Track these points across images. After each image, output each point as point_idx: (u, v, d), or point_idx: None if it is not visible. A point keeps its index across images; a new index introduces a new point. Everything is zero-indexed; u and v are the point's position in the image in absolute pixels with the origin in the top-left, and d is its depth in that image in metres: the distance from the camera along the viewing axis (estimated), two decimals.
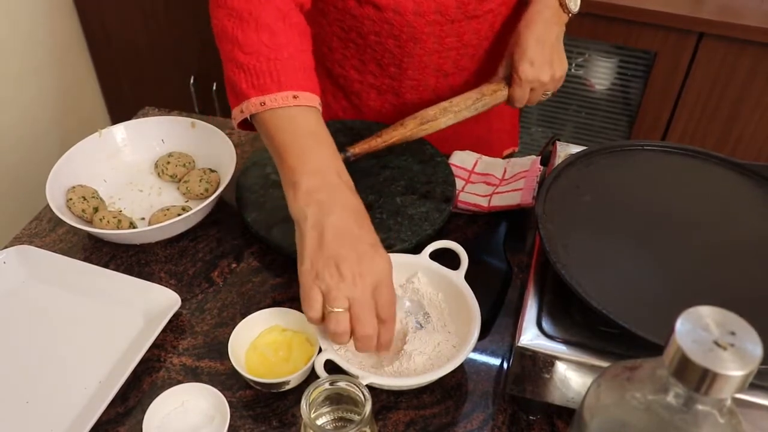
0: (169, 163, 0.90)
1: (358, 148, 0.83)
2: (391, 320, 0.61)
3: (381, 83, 0.93)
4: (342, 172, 0.64)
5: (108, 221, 0.80)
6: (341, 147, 0.78)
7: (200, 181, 0.87)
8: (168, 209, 0.83)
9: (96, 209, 0.82)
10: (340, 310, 0.58)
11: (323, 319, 0.60)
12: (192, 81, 1.80)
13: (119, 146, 0.92)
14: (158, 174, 0.91)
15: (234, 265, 0.80)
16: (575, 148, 0.79)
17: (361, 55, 0.90)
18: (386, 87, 0.94)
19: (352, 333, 0.59)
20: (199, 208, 0.80)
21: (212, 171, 0.89)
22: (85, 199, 0.83)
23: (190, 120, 0.93)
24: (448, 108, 0.86)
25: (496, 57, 0.93)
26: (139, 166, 0.92)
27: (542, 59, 0.84)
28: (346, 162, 0.70)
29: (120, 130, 0.92)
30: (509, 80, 0.87)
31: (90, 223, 0.81)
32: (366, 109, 0.97)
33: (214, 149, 0.90)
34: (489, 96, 0.87)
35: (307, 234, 0.60)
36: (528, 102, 0.89)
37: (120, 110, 1.96)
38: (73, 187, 0.84)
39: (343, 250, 0.59)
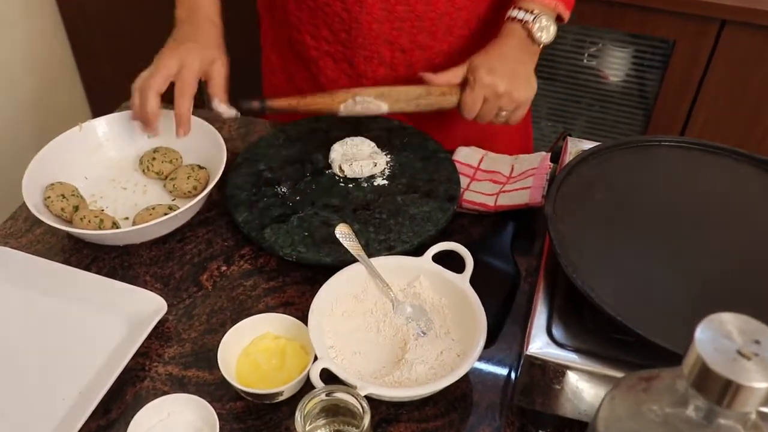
0: (154, 159, 0.90)
1: (277, 103, 0.87)
2: (181, 94, 0.86)
3: (335, 51, 0.95)
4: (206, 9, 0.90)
5: (89, 221, 0.80)
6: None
7: (188, 178, 0.87)
8: (153, 208, 0.83)
9: (76, 208, 0.82)
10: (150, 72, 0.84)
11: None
12: None
13: (101, 141, 0.92)
14: (143, 171, 0.91)
15: (224, 268, 0.80)
16: (587, 144, 0.79)
17: (314, 18, 0.93)
18: (340, 55, 0.95)
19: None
20: (186, 207, 0.80)
21: (201, 168, 0.89)
22: (64, 197, 0.83)
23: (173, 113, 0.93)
24: (385, 93, 0.86)
25: (463, 43, 0.93)
26: (122, 163, 0.92)
27: (503, 70, 0.84)
28: (261, 110, 0.87)
29: (101, 124, 0.92)
30: (463, 87, 0.86)
31: (70, 222, 0.81)
32: (323, 79, 0.99)
33: (202, 144, 0.90)
34: (436, 96, 0.87)
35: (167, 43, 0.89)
36: (479, 116, 0.86)
37: (102, 102, 1.96)
38: (52, 185, 0.84)
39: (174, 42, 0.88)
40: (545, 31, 0.85)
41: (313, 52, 0.97)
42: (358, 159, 0.87)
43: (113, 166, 0.92)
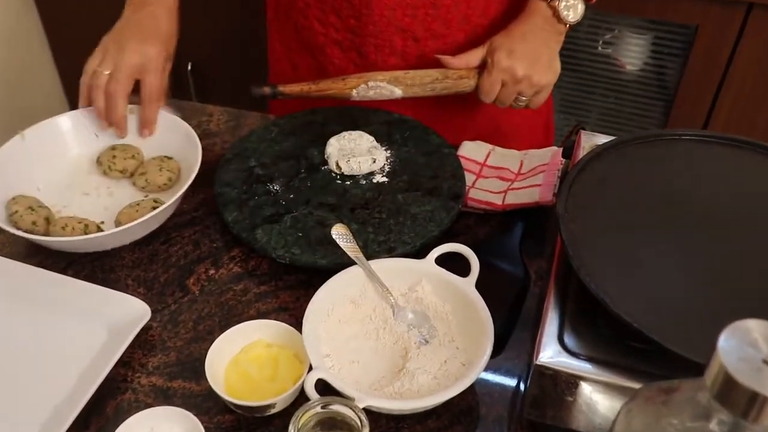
0: (115, 157, 0.90)
1: (289, 89, 0.89)
2: (152, 96, 0.89)
3: (343, 38, 0.95)
4: None
5: (73, 228, 0.79)
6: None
7: (160, 170, 0.87)
8: (138, 204, 0.83)
9: (47, 219, 0.81)
10: (104, 71, 0.86)
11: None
12: None
13: (49, 147, 0.90)
14: (103, 171, 0.90)
15: (212, 271, 0.80)
16: (602, 138, 0.79)
17: (322, 3, 0.93)
18: (348, 43, 0.95)
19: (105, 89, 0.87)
20: (178, 196, 0.80)
21: (169, 158, 0.89)
22: (32, 209, 0.81)
23: (128, 106, 0.92)
24: (399, 78, 0.88)
25: (480, 33, 0.93)
26: (76, 166, 0.91)
27: (523, 53, 0.85)
28: (272, 96, 0.89)
29: (44, 129, 0.90)
30: (482, 70, 0.88)
31: (47, 234, 0.80)
32: (331, 68, 0.99)
33: (161, 135, 0.91)
34: (453, 80, 0.88)
35: (115, 25, 0.90)
36: (498, 100, 0.89)
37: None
38: (14, 198, 0.82)
39: (120, 37, 0.89)
40: (572, 9, 0.86)
41: (321, 38, 0.97)
42: (356, 155, 0.87)
43: (67, 172, 0.90)
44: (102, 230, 0.82)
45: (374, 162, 0.87)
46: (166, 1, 0.91)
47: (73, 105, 0.93)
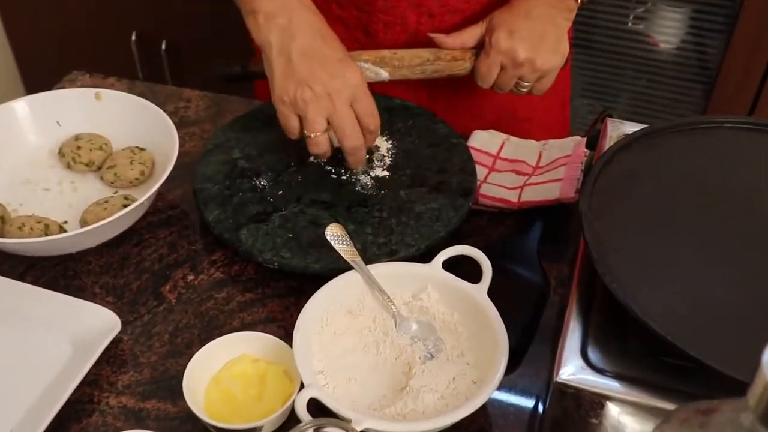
0: (79, 148, 0.90)
1: (260, 66, 0.86)
2: (376, 128, 0.80)
3: (348, 16, 0.95)
4: None
5: (32, 228, 0.80)
6: None
7: (131, 163, 0.88)
8: (106, 201, 0.83)
9: (1, 218, 0.81)
10: (318, 133, 0.77)
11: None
12: (134, 38, 1.80)
13: (2, 135, 0.90)
14: (67, 164, 0.90)
15: (191, 277, 0.81)
16: (632, 126, 0.80)
17: None
18: (355, 21, 0.95)
19: (342, 146, 0.79)
20: (152, 192, 0.80)
21: (141, 149, 0.90)
22: None
23: (94, 90, 0.93)
24: (386, 59, 0.87)
25: (504, 4, 0.93)
26: (35, 158, 0.92)
27: (526, 32, 0.84)
28: (244, 77, 0.89)
29: None
30: (479, 49, 0.87)
31: (1, 236, 0.80)
32: None
33: (133, 123, 0.91)
34: (445, 61, 0.88)
35: (275, 62, 0.77)
36: (496, 85, 0.88)
37: (38, 78, 1.96)
38: None
39: (312, 70, 0.76)
40: None
41: (322, 14, 0.96)
42: None
43: (23, 165, 0.91)
44: (65, 231, 0.82)
45: (372, 154, 0.87)
46: None
47: (30, 89, 0.93)
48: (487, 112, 1.02)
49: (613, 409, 0.58)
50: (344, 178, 0.87)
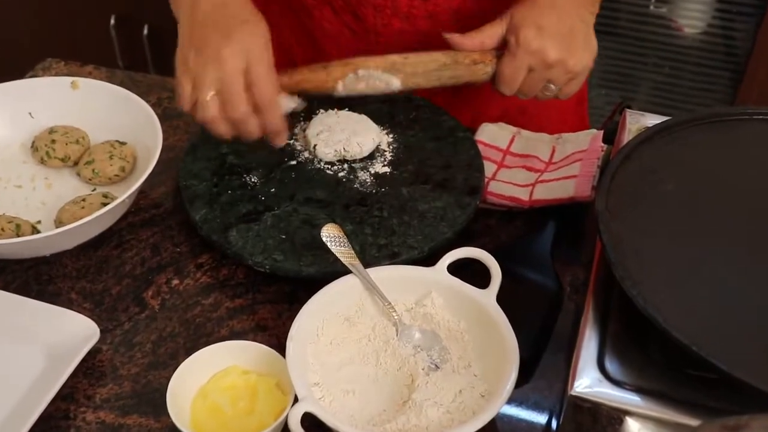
0: (54, 141, 0.90)
1: None
2: (268, 103, 0.77)
3: None
4: None
5: (2, 229, 0.80)
6: None
7: (110, 158, 0.88)
8: (83, 199, 0.83)
9: None
10: (205, 98, 0.75)
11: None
12: (113, 22, 1.80)
13: None
14: (40, 159, 0.91)
15: (175, 282, 0.81)
16: (653, 119, 0.80)
17: None
18: (341, 3, 0.95)
19: (225, 119, 0.77)
20: (133, 190, 0.80)
21: (122, 143, 0.90)
22: None
23: (70, 79, 0.93)
24: (397, 65, 0.84)
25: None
26: (5, 153, 0.92)
27: (555, 29, 0.81)
28: None
29: None
30: (502, 51, 0.83)
31: None
32: (318, 33, 0.99)
33: (113, 115, 0.91)
34: (464, 66, 0.84)
35: (180, 30, 0.79)
36: (521, 90, 0.84)
37: (9, 65, 1.95)
38: None
39: (206, 34, 0.76)
40: None
41: None
42: (341, 138, 0.87)
43: None
44: (38, 231, 0.82)
45: (371, 144, 0.87)
46: None
47: (5, 79, 0.94)
48: (493, 107, 1.01)
49: (632, 425, 0.58)
50: (342, 174, 0.87)
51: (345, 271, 0.73)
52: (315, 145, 0.87)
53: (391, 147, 0.90)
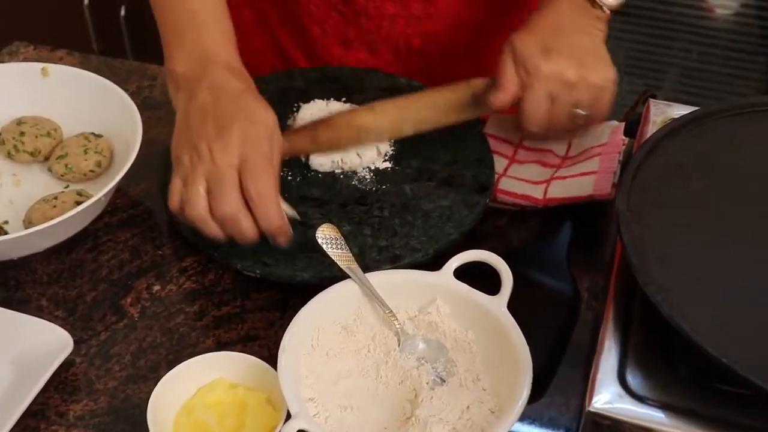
0: (23, 134, 0.90)
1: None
2: (264, 196, 0.75)
3: None
4: (221, 53, 0.83)
5: None
6: None
7: (85, 152, 0.88)
8: (56, 198, 0.84)
9: None
10: (194, 192, 0.75)
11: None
12: (87, 2, 1.80)
13: None
14: (8, 153, 0.91)
15: (157, 288, 0.81)
16: (679, 109, 0.80)
17: None
18: None
19: (213, 215, 0.76)
20: (110, 187, 0.80)
21: (98, 136, 0.90)
22: None
23: (40, 65, 0.94)
24: (377, 111, 0.86)
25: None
26: None
27: (564, 48, 0.81)
28: None
29: None
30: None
31: None
32: (306, 19, 1.00)
33: (87, 105, 0.91)
34: (472, 108, 0.86)
35: (176, 124, 0.81)
36: (551, 122, 0.83)
37: None
38: None
39: (202, 128, 0.77)
40: None
41: None
42: None
43: None
44: (6, 232, 0.82)
45: (369, 153, 0.88)
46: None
47: None
48: None
49: None
50: (338, 171, 0.87)
51: (342, 275, 0.73)
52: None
53: (392, 141, 0.90)
